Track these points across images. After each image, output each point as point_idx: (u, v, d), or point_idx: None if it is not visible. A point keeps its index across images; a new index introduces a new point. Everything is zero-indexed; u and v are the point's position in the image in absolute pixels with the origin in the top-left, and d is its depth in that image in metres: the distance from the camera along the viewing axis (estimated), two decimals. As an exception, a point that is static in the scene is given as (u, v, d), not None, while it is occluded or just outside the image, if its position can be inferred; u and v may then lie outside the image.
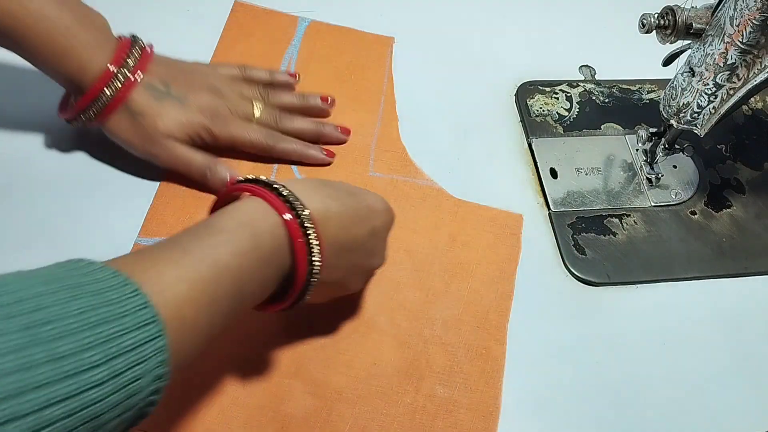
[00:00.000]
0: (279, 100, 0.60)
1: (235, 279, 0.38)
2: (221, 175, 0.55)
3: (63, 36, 0.50)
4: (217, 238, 0.39)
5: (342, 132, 0.62)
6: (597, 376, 0.54)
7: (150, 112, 0.53)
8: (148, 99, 0.53)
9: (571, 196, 0.63)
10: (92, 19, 0.52)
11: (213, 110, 0.55)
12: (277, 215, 0.41)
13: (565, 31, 0.74)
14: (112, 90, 0.51)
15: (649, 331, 0.57)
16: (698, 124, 0.56)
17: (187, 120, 0.54)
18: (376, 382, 0.51)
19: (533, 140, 0.65)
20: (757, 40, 0.51)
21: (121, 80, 0.52)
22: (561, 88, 0.69)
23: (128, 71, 0.52)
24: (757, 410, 0.54)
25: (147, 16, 0.66)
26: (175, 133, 0.54)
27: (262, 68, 0.62)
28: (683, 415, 0.53)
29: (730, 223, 0.63)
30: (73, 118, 0.53)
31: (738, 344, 0.57)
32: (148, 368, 0.32)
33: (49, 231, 0.54)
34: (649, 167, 0.63)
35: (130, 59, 0.52)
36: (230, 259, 0.38)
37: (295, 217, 0.41)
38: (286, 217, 0.41)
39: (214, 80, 0.57)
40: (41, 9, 0.49)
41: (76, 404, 0.29)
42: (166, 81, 0.54)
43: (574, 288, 0.58)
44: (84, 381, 0.29)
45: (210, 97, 0.56)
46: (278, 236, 0.41)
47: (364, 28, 0.70)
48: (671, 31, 0.54)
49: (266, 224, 0.40)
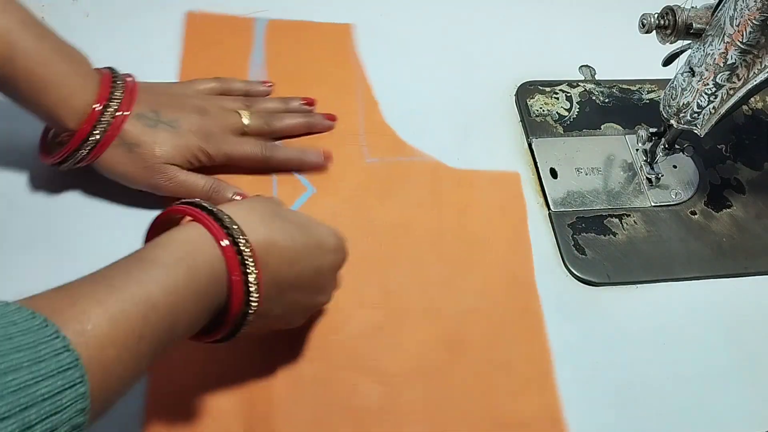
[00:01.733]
0: (263, 107, 0.60)
1: (165, 316, 0.36)
2: (226, 195, 0.55)
3: (43, 67, 0.48)
4: (148, 274, 0.36)
5: (328, 119, 0.62)
6: (597, 376, 0.54)
7: (146, 141, 0.52)
8: (141, 128, 0.52)
9: (571, 196, 0.63)
10: (71, 51, 0.51)
11: (205, 130, 0.55)
12: (216, 245, 0.39)
13: (565, 31, 0.74)
14: (104, 125, 0.50)
15: (649, 331, 0.57)
16: (698, 124, 0.56)
17: (183, 143, 0.53)
18: (429, 358, 0.52)
19: (533, 140, 0.65)
20: (757, 40, 0.51)
21: (112, 114, 0.51)
22: (561, 88, 0.69)
23: (117, 104, 0.51)
24: (757, 410, 0.54)
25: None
26: (174, 158, 0.53)
27: (236, 78, 0.62)
28: (683, 415, 0.53)
29: (730, 223, 0.63)
30: (60, 162, 0.52)
31: (738, 344, 0.57)
32: (65, 418, 0.29)
33: (50, 233, 0.54)
34: (649, 167, 0.63)
35: (116, 92, 0.51)
36: (161, 297, 0.36)
37: (233, 246, 0.39)
38: (223, 243, 0.39)
39: (197, 99, 0.57)
40: (22, 40, 0.47)
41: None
42: (154, 108, 0.53)
43: (574, 288, 0.58)
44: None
45: (198, 118, 0.55)
46: (216, 269, 0.39)
47: (322, 18, 0.70)
48: (671, 31, 0.54)
49: (203, 256, 0.38)
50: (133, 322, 0.34)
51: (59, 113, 0.49)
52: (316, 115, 0.62)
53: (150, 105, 0.53)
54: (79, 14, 0.67)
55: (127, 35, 0.66)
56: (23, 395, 0.28)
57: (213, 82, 0.60)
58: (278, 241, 0.42)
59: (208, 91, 0.60)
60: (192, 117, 0.55)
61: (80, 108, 0.50)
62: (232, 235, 0.39)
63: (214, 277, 0.39)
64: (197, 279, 0.38)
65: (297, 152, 0.59)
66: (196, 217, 0.40)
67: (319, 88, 0.65)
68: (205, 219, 0.40)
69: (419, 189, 0.60)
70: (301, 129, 0.61)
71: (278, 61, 0.66)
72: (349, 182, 0.60)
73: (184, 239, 0.39)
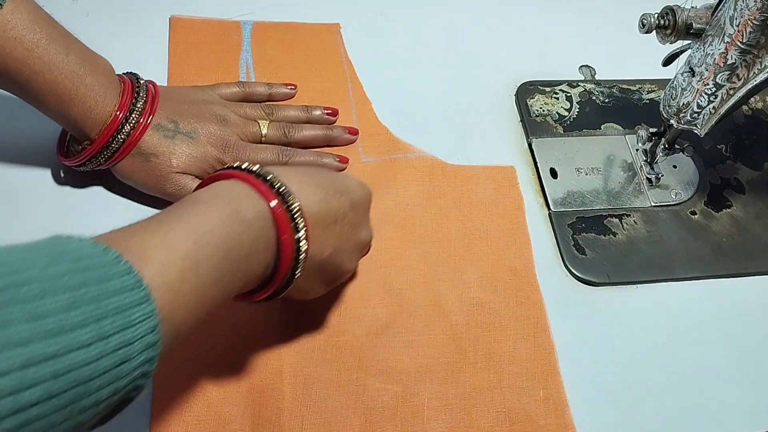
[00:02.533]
0: (284, 115, 0.60)
1: (219, 244, 0.37)
2: None
3: (69, 81, 0.49)
4: (195, 208, 0.38)
5: (350, 132, 0.62)
6: (597, 376, 0.54)
7: (164, 152, 0.53)
8: (159, 139, 0.53)
9: (571, 196, 0.63)
10: (97, 62, 0.51)
11: (223, 140, 0.55)
12: (262, 201, 0.40)
13: (565, 31, 0.74)
14: (123, 135, 0.51)
15: (649, 331, 0.57)
16: (698, 124, 0.56)
17: (200, 154, 0.54)
18: (437, 354, 0.52)
19: (533, 140, 0.65)
20: (757, 40, 0.51)
21: (132, 125, 0.52)
22: (561, 88, 0.69)
23: (138, 115, 0.52)
24: (757, 410, 0.54)
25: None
26: (189, 168, 0.54)
27: (260, 83, 0.63)
28: (683, 415, 0.53)
29: (730, 223, 0.63)
30: (78, 165, 0.53)
31: (738, 344, 0.57)
32: (137, 334, 0.31)
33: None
34: (649, 167, 0.63)
35: (138, 102, 0.52)
36: (209, 226, 0.37)
37: (282, 204, 0.41)
38: (272, 204, 0.40)
39: (218, 107, 0.57)
40: (47, 54, 0.48)
41: (60, 365, 0.28)
42: (174, 118, 0.54)
43: (574, 288, 0.58)
44: (68, 341, 0.28)
45: (217, 127, 0.55)
46: (261, 210, 0.40)
47: (307, 18, 0.70)
48: (671, 31, 0.54)
49: (249, 206, 0.40)
50: (186, 248, 0.35)
51: (82, 124, 0.51)
52: (336, 128, 0.62)
53: (170, 114, 0.54)
54: (79, 14, 0.67)
55: (127, 35, 0.66)
56: (95, 306, 0.30)
57: (235, 87, 0.61)
58: (307, 180, 0.43)
59: (230, 97, 0.60)
60: (211, 127, 0.55)
61: (102, 119, 0.51)
62: (280, 194, 0.41)
63: (258, 213, 0.40)
64: (241, 212, 0.39)
65: (313, 156, 0.59)
66: (242, 178, 0.41)
67: (310, 88, 0.65)
68: (251, 179, 0.41)
69: (418, 186, 0.60)
70: (321, 142, 0.61)
71: (267, 62, 0.66)
72: None
73: (224, 184, 0.40)
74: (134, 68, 0.56)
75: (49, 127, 0.53)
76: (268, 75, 0.65)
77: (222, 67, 0.65)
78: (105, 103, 0.51)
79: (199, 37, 0.67)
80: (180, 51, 0.65)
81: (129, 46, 0.65)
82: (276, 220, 0.40)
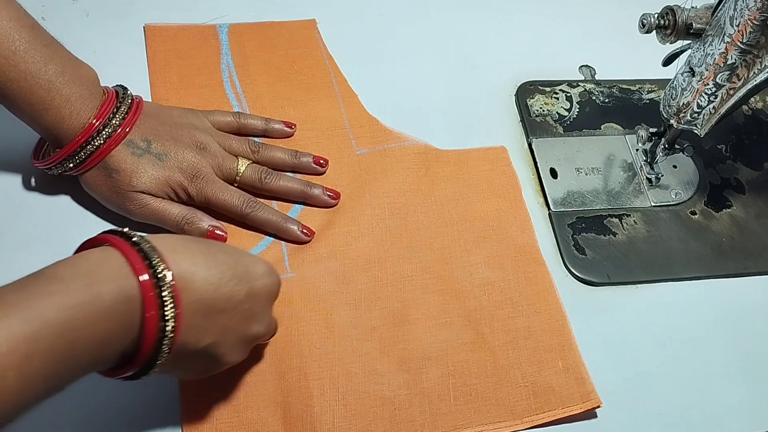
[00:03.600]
0: (270, 156, 0.58)
1: (60, 335, 0.33)
2: (200, 226, 0.53)
3: (45, 90, 0.48)
4: (48, 287, 0.34)
5: (331, 197, 0.58)
6: (597, 376, 0.54)
7: (126, 169, 0.51)
8: (125, 156, 0.51)
9: (571, 196, 0.63)
10: (79, 73, 0.51)
11: (194, 170, 0.53)
12: (129, 273, 0.36)
13: (565, 31, 0.74)
14: (93, 147, 0.51)
15: (649, 331, 0.57)
16: (698, 124, 0.56)
17: (163, 177, 0.52)
18: (456, 336, 0.53)
19: (533, 140, 0.65)
20: (757, 40, 0.51)
21: (104, 138, 0.51)
22: (561, 88, 0.69)
23: (112, 129, 0.51)
24: (757, 410, 0.54)
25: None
26: (150, 189, 0.52)
27: (257, 116, 0.60)
28: (683, 415, 0.53)
29: (730, 223, 0.63)
30: (47, 168, 0.52)
31: (738, 344, 0.57)
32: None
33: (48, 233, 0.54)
34: (649, 167, 0.63)
35: (116, 115, 0.51)
36: (53, 313, 0.33)
37: (151, 279, 0.36)
38: (142, 278, 0.36)
39: (202, 135, 0.55)
40: (23, 62, 0.48)
41: None
42: (148, 137, 0.53)
43: (574, 288, 0.58)
44: None
45: (193, 155, 0.54)
46: (127, 290, 0.36)
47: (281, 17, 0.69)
48: (671, 31, 0.54)
49: (109, 276, 0.36)
50: (19, 339, 0.32)
51: (55, 133, 0.50)
52: (316, 188, 0.58)
53: (145, 133, 0.53)
54: (79, 14, 0.67)
55: (127, 35, 0.66)
56: None
57: (230, 117, 0.59)
58: (200, 263, 0.39)
59: (222, 126, 0.58)
60: (186, 153, 0.53)
61: (74, 130, 0.50)
62: (151, 264, 0.37)
63: (120, 294, 0.36)
64: (100, 298, 0.35)
65: (277, 218, 0.55)
66: (113, 243, 0.37)
67: (295, 86, 0.65)
68: (122, 244, 0.37)
69: (414, 174, 0.61)
70: (296, 196, 0.57)
71: (248, 64, 0.65)
72: (344, 176, 0.60)
73: (92, 268, 0.36)
74: (133, 67, 0.55)
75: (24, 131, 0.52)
76: (252, 77, 0.65)
77: (204, 73, 0.64)
78: (80, 114, 0.50)
79: (176, 44, 0.65)
80: (158, 59, 0.64)
81: (129, 46, 0.65)
82: (144, 299, 0.36)
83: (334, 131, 0.63)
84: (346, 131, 0.63)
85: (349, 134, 0.63)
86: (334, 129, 0.63)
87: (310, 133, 0.62)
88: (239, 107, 0.62)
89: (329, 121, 0.63)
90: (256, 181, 0.56)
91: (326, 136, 0.62)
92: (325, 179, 0.60)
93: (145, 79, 0.63)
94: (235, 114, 0.60)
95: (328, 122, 0.63)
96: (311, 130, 0.62)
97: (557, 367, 0.53)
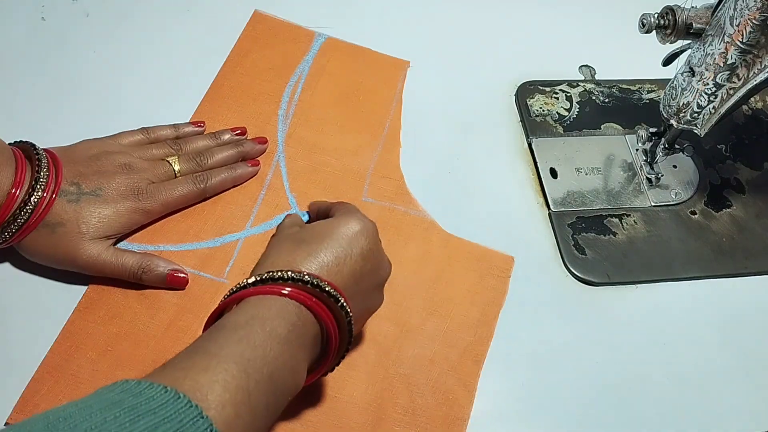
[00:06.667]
0: (193, 148, 0.58)
1: (262, 367, 0.38)
2: (159, 272, 0.52)
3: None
4: (235, 334, 0.39)
5: (259, 142, 0.60)
6: (597, 376, 0.54)
7: (70, 219, 0.49)
8: (63, 206, 0.49)
9: (571, 196, 0.63)
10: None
11: (133, 188, 0.52)
12: (279, 299, 0.41)
13: (565, 31, 0.74)
14: (25, 214, 0.48)
15: (649, 331, 0.57)
16: (698, 124, 0.56)
17: (111, 212, 0.51)
18: (336, 417, 0.50)
19: (533, 140, 0.65)
20: (757, 39, 0.51)
21: (35, 202, 0.48)
22: (561, 88, 0.69)
23: (42, 191, 0.48)
24: (757, 410, 0.54)
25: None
26: (103, 231, 0.50)
27: (165, 125, 0.59)
28: (683, 415, 0.53)
29: (730, 223, 0.63)
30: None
31: (738, 344, 0.57)
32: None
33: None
34: (649, 167, 0.63)
35: (40, 178, 0.48)
36: (252, 353, 0.38)
37: (315, 292, 0.42)
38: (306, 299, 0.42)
39: (120, 156, 0.54)
40: None
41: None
42: (74, 180, 0.50)
43: (573, 288, 0.58)
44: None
45: (124, 177, 0.52)
46: (295, 316, 0.41)
47: (381, 49, 0.69)
48: (671, 31, 0.54)
49: (276, 311, 0.41)
50: (238, 380, 0.36)
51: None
52: (246, 143, 0.60)
53: (70, 177, 0.50)
54: (79, 14, 0.67)
55: (127, 35, 0.66)
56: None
57: (139, 134, 0.57)
58: (320, 253, 0.44)
59: (134, 144, 0.56)
60: (117, 179, 0.52)
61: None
62: (315, 285, 0.42)
63: (298, 336, 0.41)
64: (282, 337, 0.40)
65: (227, 171, 0.57)
66: (264, 292, 0.41)
67: (348, 114, 0.64)
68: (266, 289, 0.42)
69: (405, 245, 0.58)
70: (234, 160, 0.59)
71: (320, 76, 0.66)
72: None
73: (256, 312, 0.41)
74: (133, 68, 0.55)
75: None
76: (316, 89, 0.65)
77: (276, 69, 0.65)
78: (1, 184, 0.47)
79: (270, 36, 0.67)
80: (246, 44, 0.66)
81: (129, 46, 0.65)
82: (316, 312, 0.42)
83: (354, 171, 0.61)
84: (365, 174, 0.61)
85: (366, 179, 0.61)
86: (355, 169, 0.61)
87: (333, 161, 0.61)
88: (285, 112, 0.63)
89: (356, 160, 0.62)
90: (196, 166, 0.57)
91: (343, 172, 0.61)
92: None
93: (145, 79, 0.63)
94: (143, 130, 0.58)
95: (355, 161, 0.62)
96: (335, 159, 0.61)
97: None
